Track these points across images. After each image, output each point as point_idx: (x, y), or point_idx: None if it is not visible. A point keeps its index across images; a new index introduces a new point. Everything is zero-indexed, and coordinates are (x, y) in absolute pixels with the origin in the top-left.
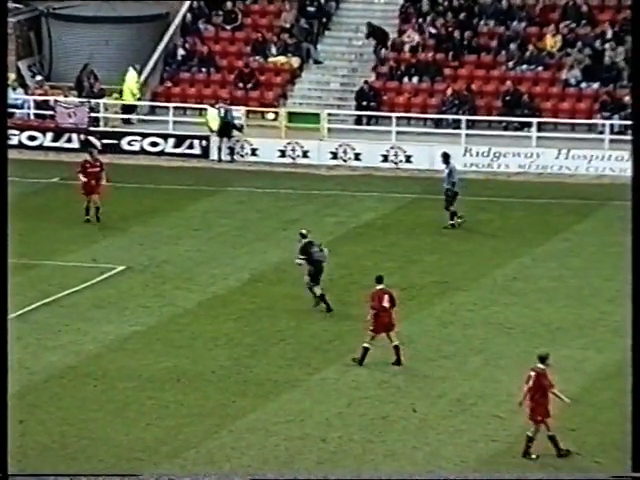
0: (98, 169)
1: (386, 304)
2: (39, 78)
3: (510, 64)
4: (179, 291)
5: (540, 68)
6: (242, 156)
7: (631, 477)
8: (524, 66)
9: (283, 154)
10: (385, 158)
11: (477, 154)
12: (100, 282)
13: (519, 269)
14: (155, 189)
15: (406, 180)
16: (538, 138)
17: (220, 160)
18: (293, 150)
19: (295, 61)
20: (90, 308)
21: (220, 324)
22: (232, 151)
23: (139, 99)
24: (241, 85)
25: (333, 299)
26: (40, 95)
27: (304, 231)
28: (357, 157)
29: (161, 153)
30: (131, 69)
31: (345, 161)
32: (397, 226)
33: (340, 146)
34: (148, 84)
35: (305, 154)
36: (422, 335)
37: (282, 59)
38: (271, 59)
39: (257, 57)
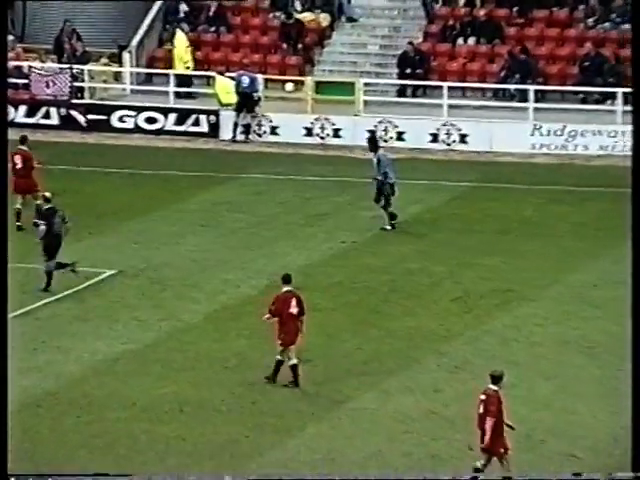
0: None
1: (293, 309)
2: (9, 39)
3: (590, 21)
4: (181, 301)
5: (627, 26)
6: (259, 135)
7: (631, 477)
8: (607, 24)
9: (309, 133)
10: (435, 138)
11: (548, 133)
12: (85, 289)
13: (600, 274)
14: (152, 176)
15: (461, 165)
16: (624, 113)
17: (234, 140)
18: (322, 128)
19: (324, 18)
20: (73, 321)
21: (231, 341)
22: (247, 129)
23: (188, 68)
24: (284, 46)
25: (370, 309)
26: (11, 60)
27: (48, 194)
28: (400, 137)
29: (160, 131)
30: (179, 31)
31: (385, 141)
32: (449, 221)
33: (379, 123)
34: (143, 46)
35: (337, 133)
36: (479, 355)
37: (308, 16)
38: (295, 16)
39: (277, 13)
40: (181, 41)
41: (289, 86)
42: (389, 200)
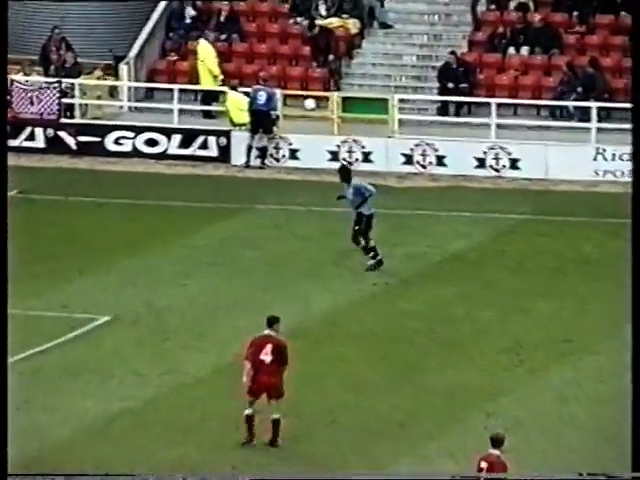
0: None
1: (265, 357)
2: None
3: None
4: (187, 352)
5: None
6: (277, 160)
7: (631, 477)
8: None
9: (335, 157)
10: (481, 163)
11: (613, 157)
12: (75, 339)
13: None
14: (153, 206)
15: (511, 194)
16: None
17: (247, 166)
18: (350, 152)
19: (353, 24)
20: (60, 376)
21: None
22: (263, 153)
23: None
24: (313, 59)
25: (406, 362)
26: None
27: None
28: (441, 161)
29: (162, 155)
30: (203, 41)
31: (424, 167)
32: (498, 259)
33: (417, 146)
34: (143, 57)
35: (367, 157)
36: (533, 416)
37: (335, 21)
38: (319, 21)
39: (299, 19)
40: (209, 52)
41: (310, 103)
42: (367, 235)
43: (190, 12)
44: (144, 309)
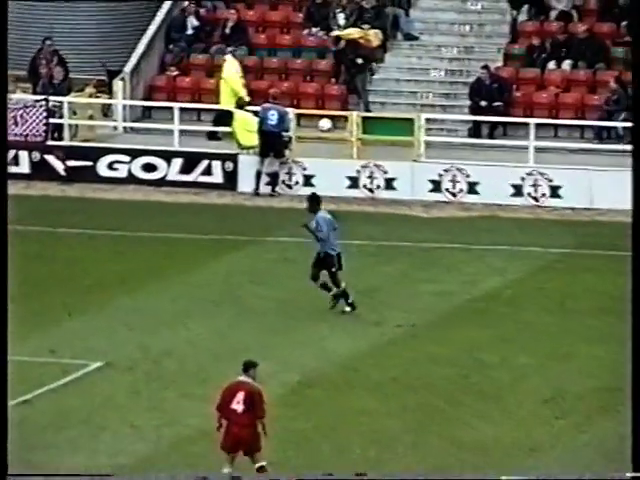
0: None
1: (237, 406)
2: None
3: None
4: (188, 401)
5: None
6: (290, 187)
7: (631, 477)
8: None
9: (355, 184)
10: (518, 191)
11: None
12: (63, 387)
13: None
14: (151, 239)
15: (551, 225)
16: None
17: (256, 193)
18: (371, 178)
19: (374, 35)
20: (47, 428)
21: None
22: (274, 179)
23: (241, 104)
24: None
25: (434, 413)
26: None
27: None
28: (473, 189)
29: (161, 182)
30: (229, 56)
31: (454, 195)
32: (537, 298)
33: (446, 171)
34: (140, 72)
35: (390, 184)
36: (577, 476)
37: (354, 32)
38: (336, 32)
39: (314, 29)
40: (233, 69)
41: (326, 123)
42: (335, 276)
43: (193, 22)
44: (140, 354)
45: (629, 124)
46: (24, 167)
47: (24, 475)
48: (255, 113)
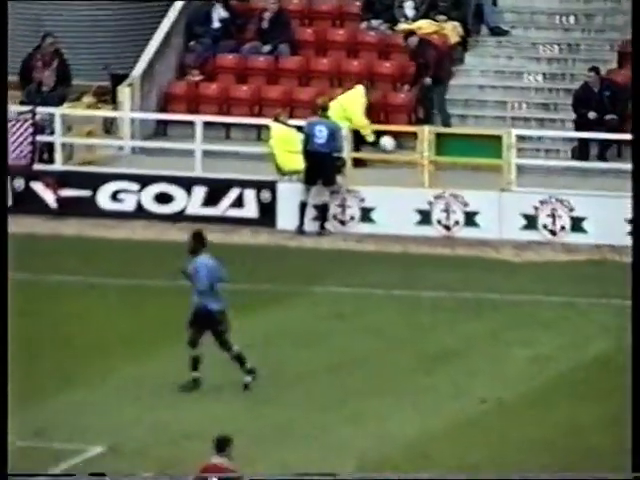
0: None
1: None
2: None
3: None
4: None
5: None
6: (343, 223)
7: (631, 477)
8: None
9: (426, 219)
10: None
11: None
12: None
13: None
14: (166, 289)
15: None
16: None
17: (301, 231)
18: (447, 211)
19: (452, 29)
20: None
21: None
22: (324, 213)
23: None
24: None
25: None
26: None
27: None
28: (578, 225)
29: (179, 216)
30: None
31: (554, 233)
32: None
33: (543, 203)
34: (153, 77)
35: (471, 220)
36: None
37: (425, 25)
38: (403, 26)
39: (374, 22)
40: (358, 97)
41: (389, 142)
42: (223, 338)
43: (220, 13)
44: (152, 435)
45: None
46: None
47: (24, 475)
48: (299, 129)
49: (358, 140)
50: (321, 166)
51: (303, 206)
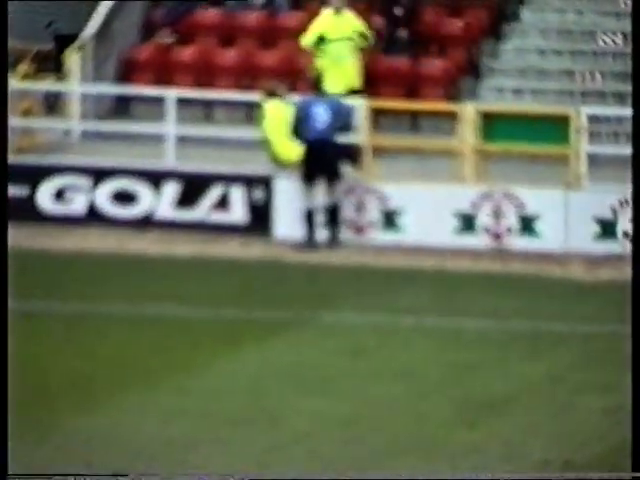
0: None
1: None
2: None
3: None
4: None
5: None
6: (359, 231)
7: (631, 477)
8: None
9: (469, 225)
10: None
11: None
12: None
13: None
14: (128, 320)
15: None
16: None
17: (308, 243)
18: (496, 215)
19: None
20: None
21: None
22: (333, 217)
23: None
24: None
25: None
26: None
27: None
28: None
29: (145, 222)
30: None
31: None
32: None
33: (624, 204)
34: (109, 38)
35: (529, 226)
36: None
37: None
38: None
39: None
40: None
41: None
42: None
43: None
44: None
45: None
46: None
47: (24, 475)
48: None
49: None
50: (322, 158)
51: (309, 213)
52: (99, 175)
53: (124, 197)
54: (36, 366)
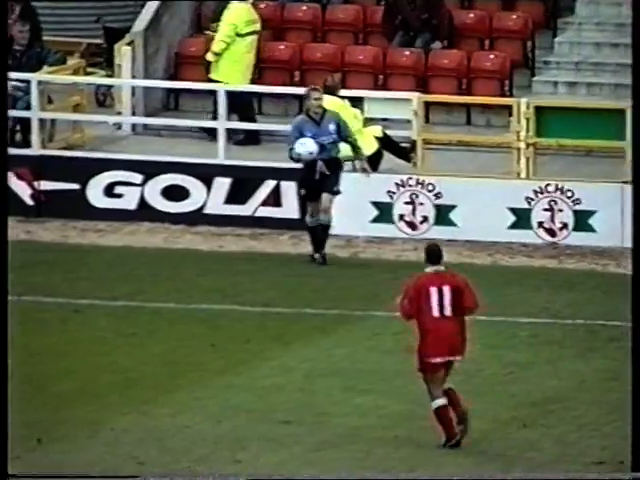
0: None
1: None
2: None
3: None
4: None
5: None
6: (412, 226)
7: (631, 477)
8: None
9: (524, 221)
10: None
11: None
12: None
13: None
14: (177, 314)
15: None
16: None
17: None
18: (551, 210)
19: None
20: None
21: None
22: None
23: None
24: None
25: None
26: None
27: None
28: None
29: (196, 217)
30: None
31: None
32: None
33: None
34: (160, 32)
35: (584, 221)
36: None
37: None
38: None
39: None
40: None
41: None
42: None
43: None
44: None
45: None
46: None
47: (24, 476)
48: (353, 101)
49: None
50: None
51: (325, 229)
52: (149, 170)
53: (174, 193)
54: (85, 363)
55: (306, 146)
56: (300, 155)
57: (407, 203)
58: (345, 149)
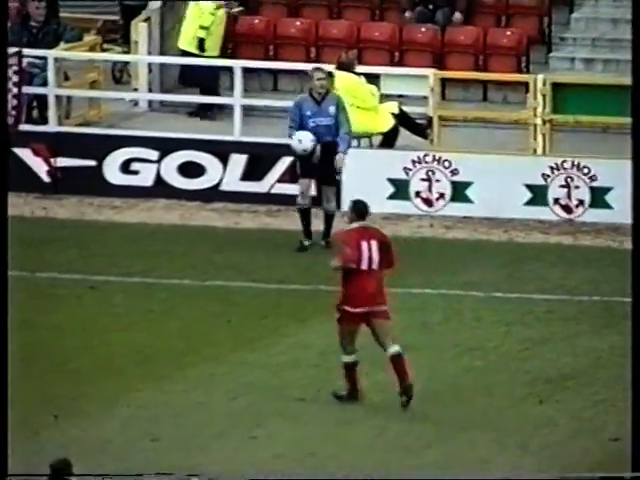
0: None
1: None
2: None
3: None
4: None
5: None
6: (428, 203)
7: (631, 477)
8: None
9: (540, 197)
10: None
11: None
12: None
13: None
14: (193, 291)
15: None
16: None
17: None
18: (567, 186)
19: None
20: None
21: None
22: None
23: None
24: None
25: None
26: None
27: None
28: None
29: (211, 194)
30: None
31: None
32: None
33: None
34: (176, 10)
35: (600, 198)
36: None
37: None
38: None
39: None
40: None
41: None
42: None
43: None
44: None
45: None
46: None
47: (24, 475)
48: (369, 78)
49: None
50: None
51: (330, 217)
52: (166, 147)
53: (190, 169)
54: (101, 339)
55: (302, 144)
56: (295, 151)
57: (423, 180)
58: (362, 124)
